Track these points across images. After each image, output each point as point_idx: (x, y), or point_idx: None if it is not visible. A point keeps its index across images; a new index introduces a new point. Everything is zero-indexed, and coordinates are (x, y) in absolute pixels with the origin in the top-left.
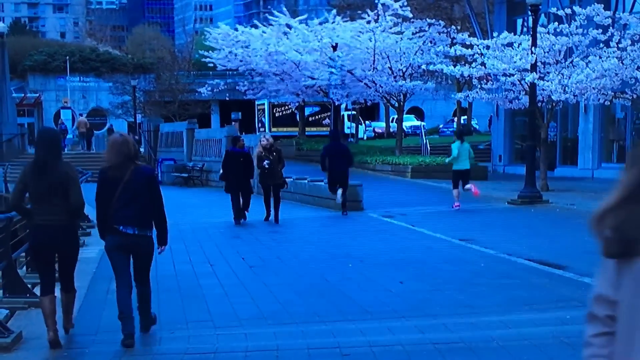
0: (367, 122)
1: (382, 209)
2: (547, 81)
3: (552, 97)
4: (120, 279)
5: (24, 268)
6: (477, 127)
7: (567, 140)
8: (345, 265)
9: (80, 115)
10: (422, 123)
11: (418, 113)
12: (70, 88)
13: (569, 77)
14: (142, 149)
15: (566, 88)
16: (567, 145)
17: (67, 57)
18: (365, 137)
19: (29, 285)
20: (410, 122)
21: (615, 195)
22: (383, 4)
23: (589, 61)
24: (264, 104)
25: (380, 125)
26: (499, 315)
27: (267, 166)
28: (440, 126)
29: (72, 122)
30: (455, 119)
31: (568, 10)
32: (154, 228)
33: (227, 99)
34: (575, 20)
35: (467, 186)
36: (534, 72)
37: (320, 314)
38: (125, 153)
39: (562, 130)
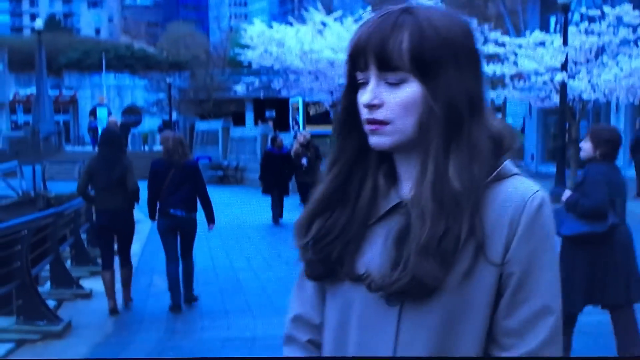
0: None
1: None
2: (577, 80)
3: (583, 96)
4: (169, 255)
5: (69, 262)
6: (512, 125)
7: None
8: None
9: (109, 114)
10: None
11: None
12: (105, 85)
13: (599, 76)
14: None
15: (596, 87)
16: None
17: (103, 55)
18: None
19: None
20: None
21: (318, 197)
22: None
23: (618, 60)
24: (297, 102)
25: None
26: None
27: (305, 164)
28: None
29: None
30: None
31: (597, 11)
32: (200, 210)
33: (262, 97)
34: (604, 20)
35: None
36: (564, 71)
37: None
38: (174, 148)
39: None
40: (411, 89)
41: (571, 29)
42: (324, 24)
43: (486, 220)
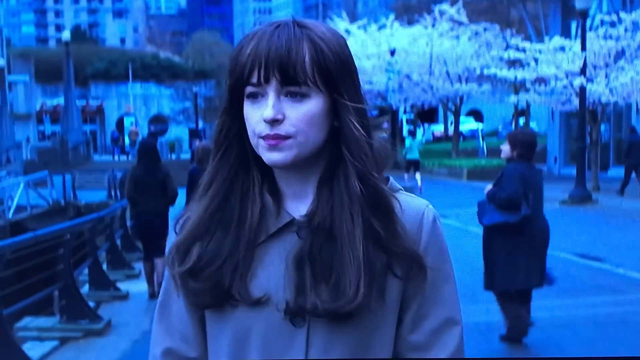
0: (425, 125)
1: (436, 210)
2: (595, 84)
3: (601, 99)
4: None
5: (105, 266)
6: (537, 128)
7: (622, 142)
8: None
9: (132, 124)
10: (480, 126)
11: (478, 115)
12: (132, 95)
13: (617, 80)
14: None
15: (613, 90)
16: (621, 146)
17: (129, 64)
18: (424, 141)
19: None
20: (469, 124)
21: (196, 220)
22: (440, 11)
23: (635, 64)
24: None
25: (439, 129)
26: (535, 300)
27: None
28: (500, 128)
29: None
30: (514, 121)
31: (614, 17)
32: None
33: None
34: (620, 25)
35: (417, 175)
36: (582, 76)
37: None
38: (203, 156)
39: (617, 131)
40: (315, 103)
41: (590, 34)
42: (347, 32)
43: None
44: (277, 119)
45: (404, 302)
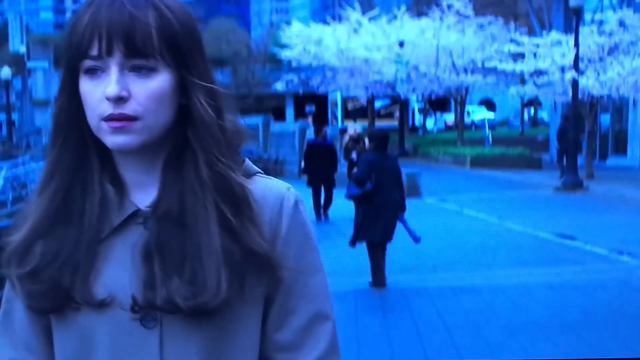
0: (437, 113)
1: (437, 196)
2: (584, 78)
3: (592, 92)
4: None
5: None
6: (547, 118)
7: (621, 132)
8: None
9: None
10: (488, 115)
11: (490, 105)
12: None
13: (605, 74)
14: None
15: (603, 84)
16: (619, 136)
17: None
18: (435, 129)
19: None
20: (481, 113)
21: (37, 217)
22: (447, 4)
23: (622, 60)
24: (336, 98)
25: (451, 118)
26: (506, 269)
27: (354, 158)
28: (511, 117)
29: None
30: (522, 111)
31: (610, 13)
32: None
33: (300, 94)
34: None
35: None
36: (573, 70)
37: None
38: None
39: (617, 122)
40: (163, 79)
41: (586, 29)
42: (359, 24)
43: None
44: (122, 97)
45: (268, 298)
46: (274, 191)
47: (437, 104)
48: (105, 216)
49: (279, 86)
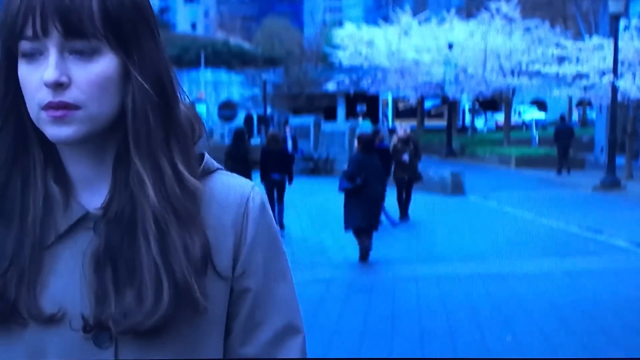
0: (487, 113)
1: (480, 194)
2: (623, 81)
3: (630, 95)
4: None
5: None
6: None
7: None
8: None
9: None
10: (537, 116)
11: (542, 105)
12: (203, 81)
13: None
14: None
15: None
16: None
17: (202, 52)
18: (485, 129)
19: None
20: (532, 113)
21: None
22: (496, 8)
23: None
24: (387, 98)
25: (501, 117)
26: (531, 260)
27: (406, 160)
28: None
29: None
30: (574, 111)
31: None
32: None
33: (351, 94)
34: None
35: None
36: (612, 74)
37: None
38: (276, 139)
39: None
40: (107, 62)
41: (626, 34)
42: (410, 25)
43: (207, 225)
44: (61, 82)
45: (231, 307)
46: (238, 191)
47: (488, 104)
48: (50, 218)
49: (331, 86)
